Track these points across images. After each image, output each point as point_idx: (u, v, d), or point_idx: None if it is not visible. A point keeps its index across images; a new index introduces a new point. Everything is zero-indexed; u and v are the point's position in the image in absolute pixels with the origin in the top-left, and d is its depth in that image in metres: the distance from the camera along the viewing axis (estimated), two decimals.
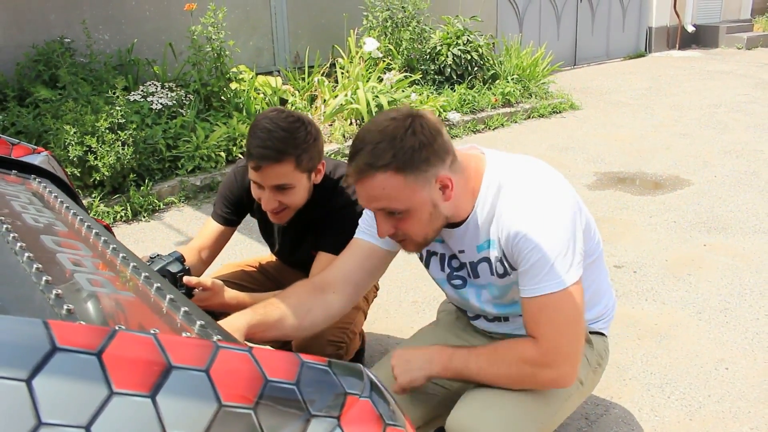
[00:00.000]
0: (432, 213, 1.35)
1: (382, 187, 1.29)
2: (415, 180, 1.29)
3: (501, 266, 1.43)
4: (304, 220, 1.89)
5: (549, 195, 1.37)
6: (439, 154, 1.31)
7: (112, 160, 4.02)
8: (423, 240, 1.41)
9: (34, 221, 1.18)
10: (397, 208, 1.32)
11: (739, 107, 6.89)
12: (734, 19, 12.94)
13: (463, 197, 1.39)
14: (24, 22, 5.12)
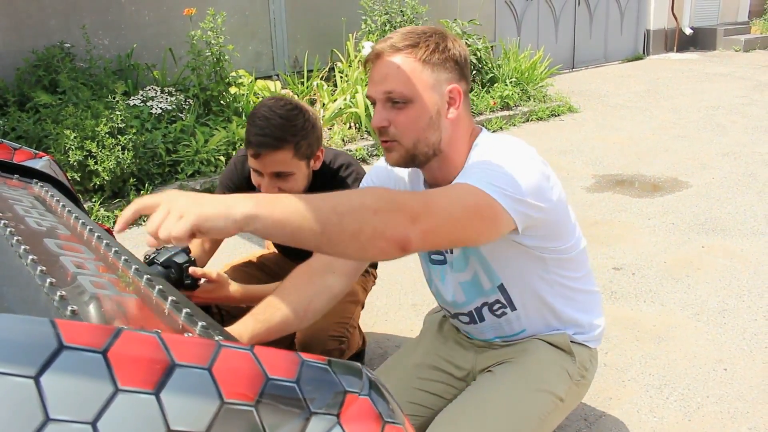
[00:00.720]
0: (431, 119, 1.31)
1: (397, 66, 1.29)
2: (430, 74, 1.30)
3: None
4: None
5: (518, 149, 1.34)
6: (461, 69, 1.35)
7: (112, 165, 4.04)
8: (411, 146, 1.32)
9: (37, 225, 1.20)
10: (402, 93, 1.29)
11: (738, 109, 6.91)
12: (732, 22, 12.98)
13: (460, 141, 1.38)
14: (24, 27, 5.14)
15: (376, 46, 1.34)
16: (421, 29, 1.34)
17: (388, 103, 1.31)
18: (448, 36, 1.35)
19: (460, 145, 1.38)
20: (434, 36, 1.32)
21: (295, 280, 1.45)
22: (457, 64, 1.33)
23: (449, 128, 1.34)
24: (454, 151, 1.37)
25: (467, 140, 1.40)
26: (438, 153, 1.36)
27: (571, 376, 1.52)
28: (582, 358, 1.54)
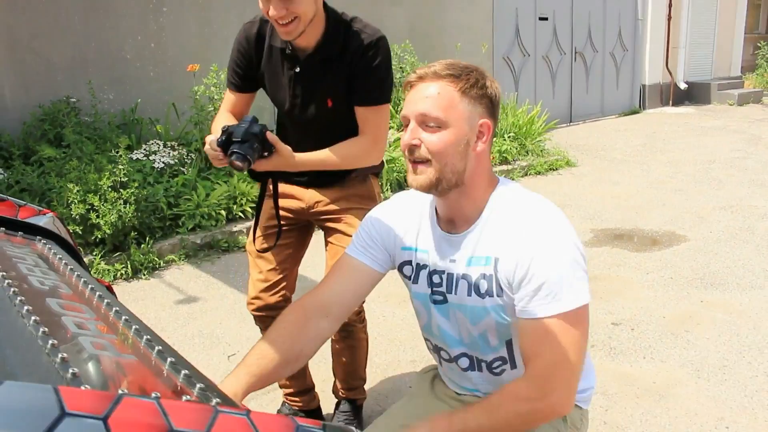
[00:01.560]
0: (460, 147, 1.37)
1: (437, 91, 1.36)
2: (467, 105, 1.37)
3: (486, 284, 1.40)
4: (318, 59, 1.88)
5: (557, 217, 1.39)
6: (494, 108, 1.42)
7: (114, 219, 4.07)
8: (439, 168, 1.37)
9: (40, 284, 1.21)
10: (438, 117, 1.35)
11: (733, 163, 7.00)
12: (725, 76, 13.23)
13: (482, 175, 1.43)
14: (32, 83, 5.26)
15: (418, 71, 1.41)
16: (463, 64, 1.41)
17: (422, 124, 1.37)
18: (487, 75, 1.42)
19: (480, 181, 1.43)
20: (475, 72, 1.39)
21: (289, 326, 1.46)
22: (491, 102, 1.41)
23: (474, 161, 1.40)
24: (475, 185, 1.43)
25: (487, 178, 1.45)
26: (460, 184, 1.40)
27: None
28: (573, 418, 1.53)
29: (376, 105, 1.92)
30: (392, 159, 5.64)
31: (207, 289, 3.88)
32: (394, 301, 3.45)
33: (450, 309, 1.49)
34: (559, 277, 1.31)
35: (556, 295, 1.30)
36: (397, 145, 5.94)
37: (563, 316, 1.30)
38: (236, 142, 1.69)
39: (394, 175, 5.61)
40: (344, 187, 2.07)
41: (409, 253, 1.55)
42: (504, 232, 1.39)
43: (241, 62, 2.00)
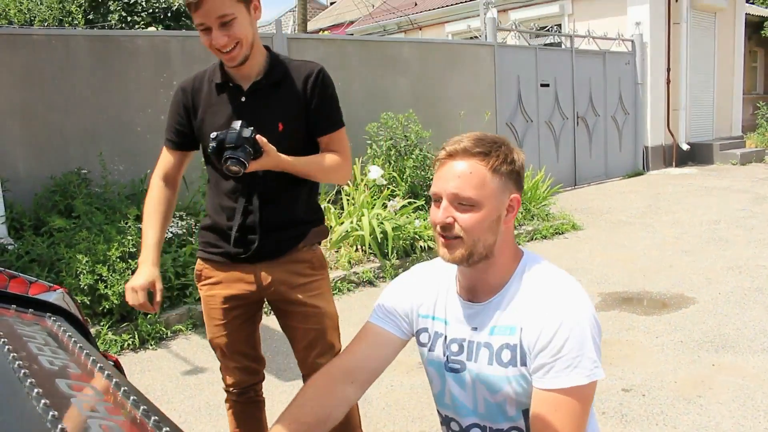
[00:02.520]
0: (493, 223, 1.41)
1: (469, 171, 1.38)
2: (498, 183, 1.40)
3: (509, 353, 1.41)
4: (265, 84, 1.93)
5: (579, 293, 1.41)
6: (520, 184, 1.46)
7: (122, 289, 4.09)
8: (472, 244, 1.40)
9: (50, 364, 1.23)
10: (470, 198, 1.37)
11: (739, 222, 7.00)
12: (727, 137, 13.39)
13: (508, 248, 1.47)
14: (44, 155, 5.38)
15: (448, 147, 1.42)
16: (491, 138, 1.44)
17: (455, 203, 1.39)
18: (513, 147, 1.45)
19: (507, 251, 1.47)
20: (503, 147, 1.42)
21: (317, 391, 1.49)
22: (519, 176, 1.45)
23: (504, 234, 1.44)
24: (503, 256, 1.46)
25: (513, 248, 1.49)
26: (490, 256, 1.43)
27: None
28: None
29: (339, 128, 2.02)
30: (398, 227, 5.66)
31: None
32: (402, 369, 3.42)
33: (467, 378, 1.49)
34: (579, 351, 1.33)
35: (574, 369, 1.32)
36: (404, 212, 6.00)
37: (576, 390, 1.32)
38: (229, 148, 1.77)
39: (401, 243, 5.62)
40: (295, 258, 2.02)
41: (426, 320, 1.57)
42: (529, 303, 1.41)
43: (181, 117, 2.00)
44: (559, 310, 1.36)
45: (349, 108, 7.24)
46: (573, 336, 1.33)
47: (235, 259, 2.00)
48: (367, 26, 17.68)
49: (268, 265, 2.00)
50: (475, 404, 1.50)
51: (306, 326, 2.07)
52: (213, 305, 2.06)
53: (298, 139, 1.97)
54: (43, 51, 5.39)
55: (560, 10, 12.25)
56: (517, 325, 1.40)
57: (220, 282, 2.04)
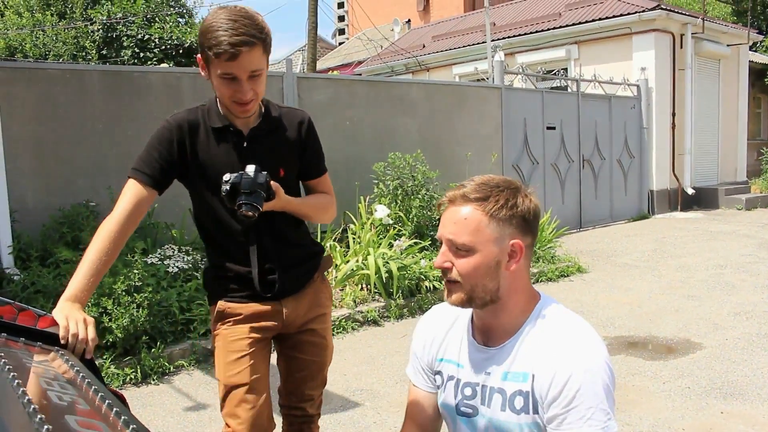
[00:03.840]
0: (491, 269, 1.40)
1: (465, 217, 1.39)
2: (495, 228, 1.39)
3: (522, 401, 1.40)
4: (265, 129, 1.95)
5: (594, 341, 1.40)
6: (525, 226, 1.42)
7: (126, 322, 4.08)
8: (470, 289, 1.41)
9: (59, 399, 1.23)
10: (464, 243, 1.38)
11: (745, 267, 6.98)
12: (732, 181, 13.44)
13: (519, 291, 1.45)
14: (54, 187, 5.42)
15: (449, 193, 1.45)
16: (495, 181, 1.44)
17: (452, 248, 1.41)
18: (520, 191, 1.43)
19: (518, 297, 1.46)
20: (506, 191, 1.41)
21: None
22: (524, 220, 1.42)
23: (508, 279, 1.42)
24: (512, 302, 1.45)
25: (526, 294, 1.48)
26: (495, 300, 1.43)
27: None
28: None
29: (326, 171, 2.10)
30: (404, 266, 5.66)
31: (216, 396, 3.81)
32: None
33: (480, 423, 1.48)
34: (592, 402, 1.32)
35: (587, 421, 1.32)
36: (410, 252, 5.99)
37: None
38: (244, 193, 1.78)
39: (406, 283, 5.61)
40: (315, 288, 2.09)
41: (440, 364, 1.59)
42: (542, 349, 1.39)
43: (170, 154, 1.90)
44: (571, 359, 1.35)
45: (357, 147, 7.34)
46: (585, 386, 1.32)
47: (261, 298, 1.99)
48: (376, 66, 17.92)
49: (294, 298, 2.03)
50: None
51: (309, 357, 2.08)
52: (235, 338, 1.98)
53: (293, 183, 2.03)
54: (57, 85, 5.48)
55: (567, 55, 12.42)
56: (530, 372, 1.39)
57: (246, 317, 1.99)
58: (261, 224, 1.93)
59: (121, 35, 13.86)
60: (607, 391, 1.34)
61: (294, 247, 2.03)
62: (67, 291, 1.75)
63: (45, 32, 15.77)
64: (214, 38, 1.73)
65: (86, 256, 1.79)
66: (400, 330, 5.09)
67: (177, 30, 14.20)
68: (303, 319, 2.06)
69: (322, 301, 2.11)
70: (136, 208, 1.86)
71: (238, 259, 1.97)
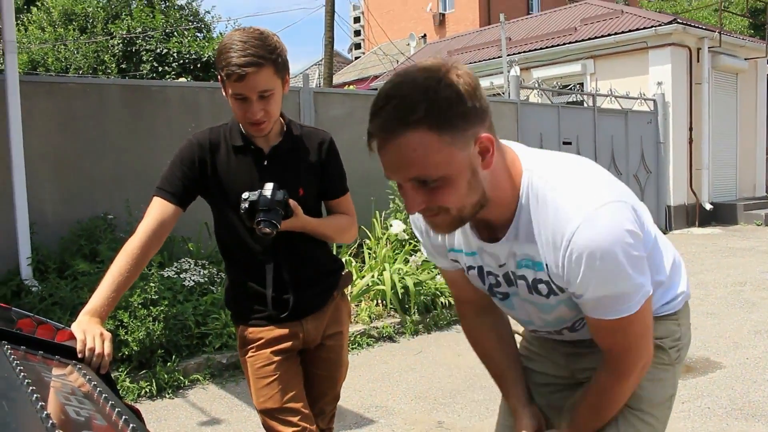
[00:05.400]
0: (471, 181, 1.17)
1: (413, 149, 1.11)
2: (452, 139, 1.12)
3: (545, 287, 1.33)
4: (285, 148, 1.97)
5: (592, 213, 1.20)
6: (479, 110, 1.15)
7: (142, 336, 4.10)
8: (458, 215, 1.21)
9: (76, 414, 1.23)
10: (430, 176, 1.14)
11: (765, 285, 6.88)
12: (750, 197, 13.30)
13: (503, 179, 1.25)
14: (73, 199, 5.47)
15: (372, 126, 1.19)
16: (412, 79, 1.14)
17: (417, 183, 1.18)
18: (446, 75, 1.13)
19: (502, 187, 1.26)
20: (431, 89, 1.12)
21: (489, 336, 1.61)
22: (471, 104, 1.14)
23: (488, 177, 1.22)
24: (499, 195, 1.26)
25: (508, 180, 1.27)
26: (485, 204, 1.24)
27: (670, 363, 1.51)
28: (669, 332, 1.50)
29: (347, 191, 2.11)
30: (419, 282, 5.64)
31: (230, 411, 3.82)
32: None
33: (516, 302, 1.46)
34: (614, 282, 1.22)
35: (615, 302, 1.26)
36: (425, 267, 5.98)
37: (627, 318, 1.28)
38: (263, 211, 1.80)
39: (422, 299, 5.58)
40: (335, 306, 2.09)
41: (451, 253, 1.49)
42: (542, 235, 1.26)
43: (193, 171, 1.93)
44: (573, 243, 1.19)
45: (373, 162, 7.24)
46: (598, 270, 1.20)
47: (278, 319, 1.99)
48: None
49: (315, 317, 2.03)
50: (530, 319, 1.50)
51: (323, 373, 2.10)
52: (260, 364, 1.99)
53: (313, 202, 2.04)
54: (77, 98, 5.55)
55: (582, 69, 12.41)
56: (542, 261, 1.28)
57: (267, 341, 1.99)
58: (279, 244, 1.94)
59: (140, 49, 14.04)
60: (631, 262, 1.20)
61: (313, 267, 2.03)
62: (87, 305, 1.78)
63: (66, 46, 16.02)
64: (225, 59, 1.78)
65: (109, 272, 1.82)
66: (416, 346, 5.06)
67: (195, 44, 14.36)
68: (322, 336, 2.07)
69: (340, 318, 2.12)
70: (160, 226, 1.89)
71: (256, 277, 1.98)
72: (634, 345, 1.32)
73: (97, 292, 1.80)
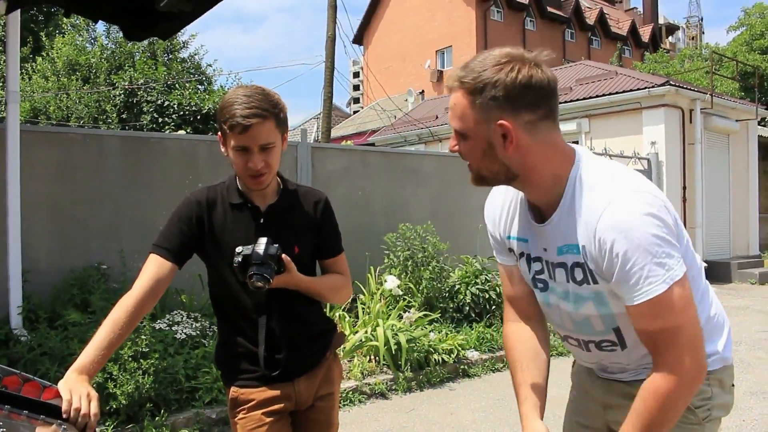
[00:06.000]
0: (485, 151, 1.40)
1: (454, 103, 1.41)
2: (477, 110, 1.37)
3: (580, 272, 1.44)
4: (281, 206, 1.99)
5: (630, 199, 1.35)
6: (515, 103, 1.35)
7: (131, 389, 4.04)
8: (477, 173, 1.46)
9: None
10: (457, 127, 1.42)
11: (760, 344, 6.84)
12: (744, 255, 13.34)
13: (544, 166, 1.42)
14: (67, 248, 5.47)
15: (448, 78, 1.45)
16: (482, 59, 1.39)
17: (455, 131, 1.45)
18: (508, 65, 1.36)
19: (541, 172, 1.43)
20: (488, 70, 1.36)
21: (526, 345, 1.68)
22: (508, 98, 1.35)
23: (515, 158, 1.41)
24: (536, 178, 1.44)
25: (551, 165, 1.43)
26: (513, 179, 1.45)
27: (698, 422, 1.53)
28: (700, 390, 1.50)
29: (342, 251, 2.13)
30: (413, 339, 5.58)
31: None
32: None
33: (552, 296, 1.56)
34: (644, 259, 1.31)
35: (646, 279, 1.31)
36: (419, 324, 5.93)
37: (660, 297, 1.32)
38: (255, 264, 1.81)
39: (415, 355, 5.53)
40: (328, 366, 2.08)
41: (509, 241, 1.64)
42: (583, 219, 1.39)
43: (191, 228, 1.95)
44: (609, 225, 1.33)
45: (369, 217, 7.37)
46: (630, 249, 1.31)
47: (270, 379, 1.97)
48: (389, 136, 18.21)
49: (307, 377, 2.02)
50: (562, 320, 1.58)
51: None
52: (251, 426, 1.96)
53: (308, 261, 2.05)
54: (76, 148, 5.61)
55: (578, 128, 12.61)
56: (579, 243, 1.41)
57: (258, 403, 1.97)
58: (272, 302, 1.94)
59: (142, 100, 14.24)
60: (657, 241, 1.31)
61: (305, 326, 2.03)
62: (76, 362, 1.76)
63: (69, 95, 16.24)
64: (229, 112, 1.83)
65: (102, 327, 1.80)
66: (408, 404, 4.99)
67: (196, 97, 14.57)
68: (314, 397, 2.05)
69: (332, 378, 2.10)
70: (156, 283, 1.88)
71: (248, 335, 1.97)
72: (673, 334, 1.34)
73: (87, 348, 1.78)
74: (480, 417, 4.66)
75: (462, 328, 6.44)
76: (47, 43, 19.38)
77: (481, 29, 28.27)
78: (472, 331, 6.34)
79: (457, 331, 6.29)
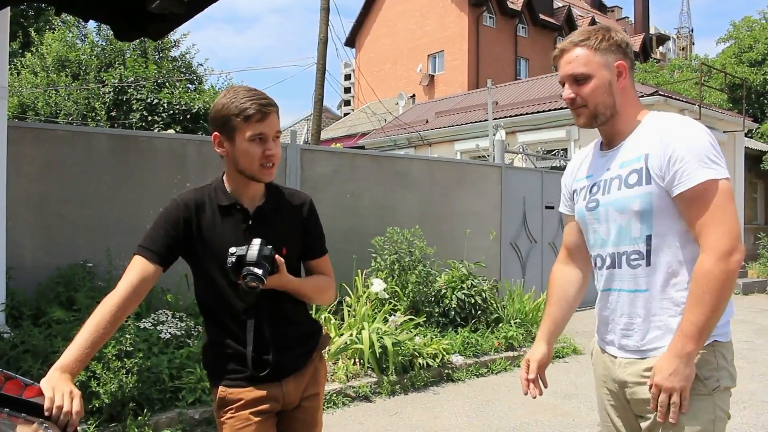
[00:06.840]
0: (606, 88, 1.85)
1: (576, 55, 1.87)
2: (600, 57, 1.85)
3: (636, 176, 1.80)
4: (269, 208, 2.02)
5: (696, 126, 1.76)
6: (624, 53, 1.88)
7: (114, 388, 4.03)
8: (594, 108, 1.87)
9: None
10: (582, 73, 1.85)
11: (742, 354, 6.89)
12: None
13: (632, 102, 1.90)
14: (53, 245, 5.44)
15: (559, 45, 1.93)
16: (591, 28, 1.92)
17: (573, 81, 1.88)
18: (612, 29, 1.90)
19: (630, 108, 1.90)
20: (601, 30, 1.88)
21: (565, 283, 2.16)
22: (620, 47, 1.87)
23: (620, 95, 1.88)
24: (626, 112, 1.89)
25: (636, 106, 1.91)
26: (615, 114, 1.88)
27: (707, 393, 1.74)
28: (703, 362, 1.74)
29: (326, 253, 2.17)
30: (398, 342, 5.59)
31: None
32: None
33: (601, 211, 1.90)
34: (701, 153, 1.70)
35: (702, 166, 1.68)
36: (404, 328, 5.95)
37: (712, 182, 1.67)
38: (250, 265, 1.83)
39: (400, 359, 5.54)
40: (315, 367, 2.11)
41: (575, 183, 2.06)
42: (653, 135, 1.79)
43: (177, 231, 1.94)
44: (676, 137, 1.74)
45: (357, 220, 7.37)
46: (693, 146, 1.71)
47: (258, 380, 1.97)
48: (378, 140, 18.24)
49: (294, 378, 2.03)
50: (608, 232, 1.89)
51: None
52: (239, 426, 1.97)
53: (295, 262, 2.07)
54: (65, 146, 5.58)
55: (567, 135, 12.68)
56: (643, 153, 1.80)
57: (246, 402, 1.97)
58: (261, 302, 1.94)
59: (131, 98, 14.14)
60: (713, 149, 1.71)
61: (294, 327, 2.05)
62: (59, 360, 1.76)
63: (58, 92, 16.12)
64: (240, 106, 1.88)
65: (85, 326, 1.80)
66: (392, 407, 5.00)
67: (186, 95, 14.50)
68: (300, 397, 2.07)
69: (318, 379, 2.13)
70: (141, 284, 1.89)
71: (237, 336, 1.97)
72: (717, 216, 1.67)
73: (70, 347, 1.78)
74: (463, 421, 4.67)
75: (447, 332, 6.46)
76: (37, 38, 19.21)
77: (474, 35, 28.33)
78: (457, 335, 6.36)
79: (442, 336, 6.30)
